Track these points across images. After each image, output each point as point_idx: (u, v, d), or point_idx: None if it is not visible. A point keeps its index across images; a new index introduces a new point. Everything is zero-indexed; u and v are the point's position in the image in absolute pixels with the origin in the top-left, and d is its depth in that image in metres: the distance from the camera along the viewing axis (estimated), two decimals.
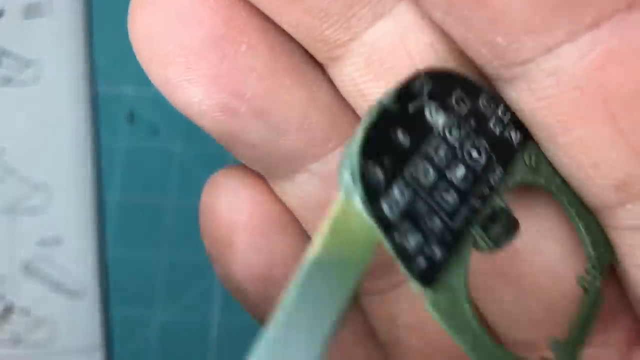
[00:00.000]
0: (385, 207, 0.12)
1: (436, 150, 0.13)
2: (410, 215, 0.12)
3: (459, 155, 0.13)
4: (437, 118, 0.13)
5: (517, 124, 0.14)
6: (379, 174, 0.12)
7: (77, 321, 0.30)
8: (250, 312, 0.19)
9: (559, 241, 0.16)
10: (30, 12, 0.32)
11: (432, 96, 0.13)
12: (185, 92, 0.15)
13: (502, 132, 0.14)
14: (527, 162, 0.14)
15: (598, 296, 0.15)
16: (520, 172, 0.14)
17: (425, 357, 0.18)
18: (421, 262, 0.12)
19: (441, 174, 0.13)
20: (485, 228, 0.13)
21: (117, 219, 0.33)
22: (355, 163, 0.12)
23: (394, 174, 0.12)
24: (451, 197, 0.13)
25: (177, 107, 0.15)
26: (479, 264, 0.15)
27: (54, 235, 0.31)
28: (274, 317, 0.11)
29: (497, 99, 0.14)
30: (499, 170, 0.14)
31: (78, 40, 0.32)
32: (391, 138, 0.12)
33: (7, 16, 0.32)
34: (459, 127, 0.13)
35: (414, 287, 0.12)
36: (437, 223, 0.12)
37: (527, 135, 0.14)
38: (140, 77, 0.34)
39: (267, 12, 0.15)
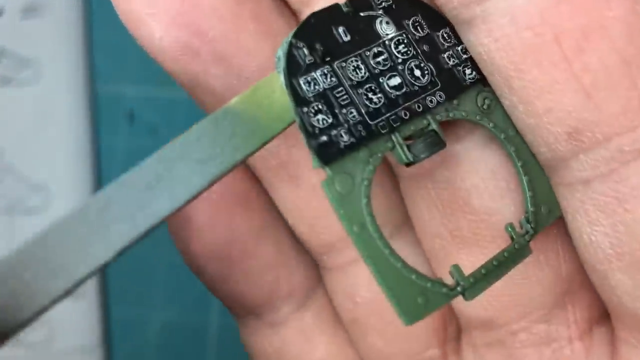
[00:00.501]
0: (302, 82, 0.13)
1: (375, 56, 0.14)
2: (326, 98, 0.13)
3: (399, 68, 0.14)
4: (386, 30, 0.14)
5: (475, 65, 0.15)
6: (306, 54, 0.13)
7: (76, 321, 0.30)
8: (209, 289, 0.19)
9: (498, 186, 0.16)
10: (30, 11, 0.32)
11: (387, 11, 0.14)
12: (147, 27, 0.15)
13: (454, 66, 0.15)
14: (479, 103, 0.15)
15: (523, 251, 0.15)
16: (467, 108, 0.15)
17: (384, 339, 0.18)
18: (323, 139, 0.13)
19: (373, 76, 0.14)
20: (408, 139, 0.14)
21: None
22: (287, 41, 0.13)
23: (323, 60, 0.14)
24: (376, 98, 0.14)
25: (141, 43, 0.16)
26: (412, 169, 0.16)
27: None
28: (175, 139, 0.12)
29: (458, 37, 0.15)
30: (439, 96, 0.14)
31: (78, 40, 0.32)
32: (331, 31, 0.14)
33: (7, 16, 0.32)
34: (407, 45, 0.14)
35: (313, 162, 0.13)
36: (353, 114, 0.14)
37: (484, 80, 0.15)
38: (140, 77, 0.34)
39: None
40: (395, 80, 0.14)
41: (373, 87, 0.14)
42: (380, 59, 0.14)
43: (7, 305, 0.11)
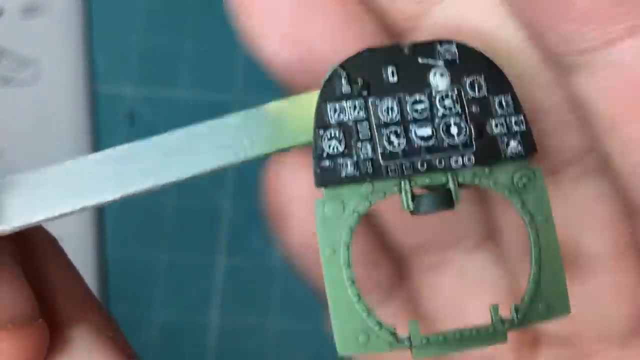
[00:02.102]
0: (329, 107, 0.14)
1: (415, 103, 0.14)
2: (347, 128, 0.14)
3: (435, 121, 0.14)
4: (438, 82, 0.14)
5: (527, 141, 0.14)
6: (344, 84, 0.14)
7: None
8: (307, 280, 0.19)
9: (586, 220, 0.16)
10: (30, 11, 0.32)
11: (449, 64, 0.14)
12: (263, 42, 0.16)
13: (499, 135, 0.14)
14: (515, 179, 0.14)
15: (496, 337, 0.14)
16: (499, 180, 0.14)
17: None
18: (326, 164, 0.14)
19: (403, 121, 0.14)
20: (426, 188, 0.14)
21: (117, 219, 0.33)
22: (335, 66, 0.14)
23: (359, 93, 0.14)
24: (397, 142, 0.14)
25: (257, 56, 0.16)
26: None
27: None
28: (206, 122, 0.14)
29: (519, 107, 0.14)
30: (467, 159, 0.14)
31: (77, 40, 0.32)
32: (380, 69, 0.14)
33: (7, 16, 0.32)
34: (455, 102, 0.14)
35: (315, 183, 0.14)
36: (367, 150, 0.14)
37: (528, 156, 0.14)
38: (140, 77, 0.34)
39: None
40: (425, 131, 0.14)
41: (398, 132, 0.14)
42: (419, 107, 0.14)
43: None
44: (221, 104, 0.33)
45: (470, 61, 0.14)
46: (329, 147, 0.14)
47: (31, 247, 0.16)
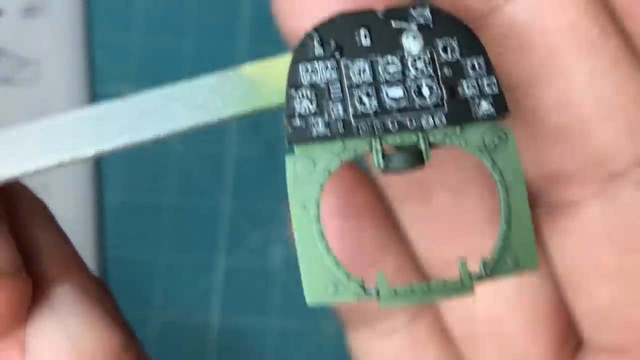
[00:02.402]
0: (301, 67, 0.14)
1: (387, 65, 0.14)
2: (318, 89, 0.14)
3: (407, 83, 0.14)
4: (411, 45, 0.15)
5: (499, 102, 0.15)
6: (316, 46, 0.14)
7: None
8: None
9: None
10: (30, 11, 0.32)
11: (422, 28, 0.15)
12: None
13: (470, 96, 0.15)
14: (486, 139, 0.15)
15: (464, 289, 0.14)
16: (470, 140, 0.15)
17: (499, 356, 0.18)
18: (297, 124, 0.14)
19: (376, 82, 0.14)
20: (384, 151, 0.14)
21: (116, 219, 0.33)
22: (309, 30, 0.14)
23: (332, 54, 0.14)
24: (369, 103, 0.14)
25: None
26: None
27: None
28: (181, 82, 0.14)
29: (491, 69, 0.15)
30: (438, 119, 0.14)
31: (77, 40, 0.32)
32: (354, 31, 0.14)
33: (6, 16, 0.32)
34: (426, 64, 0.14)
35: (286, 142, 0.14)
36: (338, 110, 0.14)
37: (500, 117, 0.15)
38: (140, 77, 0.34)
39: None
40: (397, 92, 0.14)
41: (370, 92, 0.14)
42: (391, 69, 0.14)
43: None
44: None
45: (443, 25, 0.15)
46: (301, 106, 0.14)
47: (17, 207, 0.16)
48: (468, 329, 0.19)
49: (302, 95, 0.14)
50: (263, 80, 0.14)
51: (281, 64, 0.14)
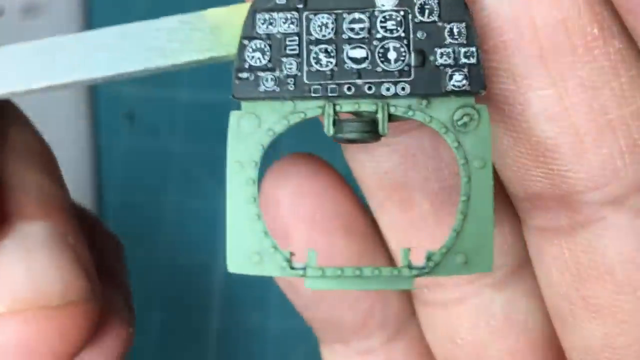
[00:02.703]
0: (259, 17, 0.13)
1: (353, 22, 0.13)
2: (274, 41, 0.13)
3: (373, 43, 0.13)
4: (385, 0, 0.13)
5: (475, 75, 0.13)
6: None
7: None
8: (300, 311, 0.18)
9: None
10: (30, 11, 0.32)
11: None
12: None
13: (444, 65, 0.13)
14: (455, 117, 0.13)
15: (400, 281, 0.13)
16: (436, 115, 0.13)
17: None
18: (244, 76, 0.13)
19: (337, 40, 0.13)
20: (338, 117, 0.13)
21: (117, 218, 0.33)
22: None
23: (293, 7, 0.13)
24: (326, 62, 0.13)
25: None
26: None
27: None
28: (141, 22, 0.14)
29: (474, 38, 0.13)
30: (401, 88, 0.13)
31: None
32: None
33: (7, 16, 0.32)
34: (398, 24, 0.13)
35: (232, 92, 0.13)
36: (291, 66, 0.13)
37: (474, 93, 0.13)
38: (140, 77, 0.34)
39: None
40: (359, 53, 0.13)
41: (329, 50, 0.13)
42: (356, 26, 0.13)
43: None
44: (221, 104, 0.33)
45: None
46: (252, 58, 0.13)
47: (5, 136, 0.16)
48: (450, 351, 0.17)
49: (256, 47, 0.13)
50: (225, 27, 0.13)
51: (244, 9, 0.13)
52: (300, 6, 0.13)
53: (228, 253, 0.13)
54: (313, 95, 0.13)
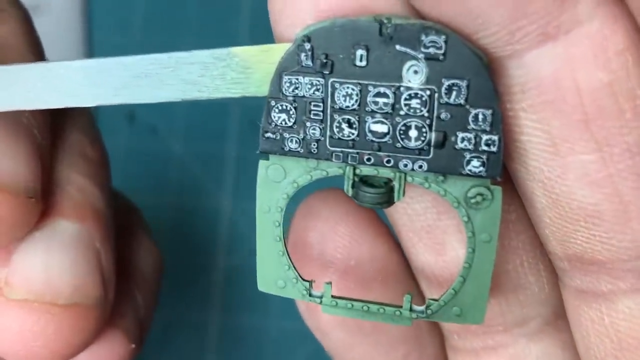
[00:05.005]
0: (285, 79, 0.13)
1: (378, 95, 0.13)
2: (300, 104, 0.13)
3: (395, 120, 0.13)
4: (411, 78, 0.12)
5: (494, 163, 0.13)
6: (304, 58, 0.13)
7: None
8: (330, 354, 0.18)
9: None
10: (30, 11, 0.32)
11: (430, 59, 0.12)
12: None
13: (463, 149, 0.13)
14: (469, 194, 0.13)
15: (401, 320, 0.15)
16: (450, 190, 0.13)
17: None
18: (269, 136, 0.13)
19: (361, 111, 0.13)
20: (366, 181, 0.14)
21: None
22: (302, 35, 0.12)
23: (321, 72, 0.13)
24: (349, 132, 0.13)
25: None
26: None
27: None
28: (175, 53, 0.14)
29: (499, 127, 0.12)
30: (419, 166, 0.13)
31: (77, 40, 0.32)
32: (350, 49, 0.12)
33: None
34: (423, 104, 0.12)
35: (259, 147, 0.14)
36: (315, 132, 0.13)
37: (488, 177, 0.13)
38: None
39: (418, 5, 0.12)
40: (381, 128, 0.13)
41: (352, 121, 0.13)
42: (380, 100, 0.13)
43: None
44: (221, 104, 0.33)
45: (457, 61, 0.12)
46: (278, 119, 0.13)
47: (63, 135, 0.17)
48: None
49: (281, 108, 0.13)
50: (255, 67, 0.13)
51: (277, 51, 0.13)
52: (327, 72, 0.13)
53: (258, 275, 0.15)
54: (334, 160, 0.13)
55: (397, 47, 0.12)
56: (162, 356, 0.33)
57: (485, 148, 0.12)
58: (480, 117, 0.12)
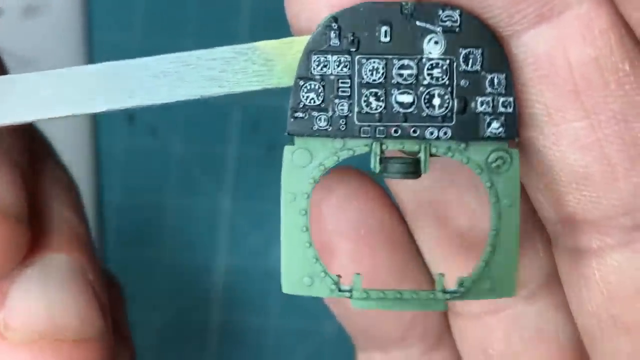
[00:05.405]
0: (314, 58, 0.14)
1: (402, 67, 0.14)
2: (328, 82, 0.14)
3: (419, 89, 0.14)
4: (431, 49, 0.14)
5: (511, 123, 0.14)
6: (333, 37, 0.14)
7: None
8: (342, 322, 0.19)
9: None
10: (30, 11, 0.32)
11: (447, 31, 0.14)
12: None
13: (482, 113, 0.14)
14: (490, 159, 0.14)
15: (435, 304, 0.15)
16: (473, 157, 0.14)
17: None
18: (299, 116, 0.14)
19: (387, 84, 0.14)
20: (384, 155, 0.14)
21: (117, 219, 0.33)
22: (330, 17, 0.13)
23: (347, 48, 0.14)
24: (376, 105, 0.14)
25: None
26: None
27: None
28: (196, 51, 0.14)
29: (512, 89, 0.14)
30: (444, 132, 0.14)
31: (77, 40, 0.32)
32: (374, 27, 0.14)
33: (7, 16, 0.32)
34: (444, 72, 0.14)
35: (288, 129, 0.14)
36: (343, 108, 0.14)
37: (508, 139, 0.14)
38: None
39: None
40: (407, 98, 0.14)
41: (379, 94, 0.14)
42: (405, 72, 0.14)
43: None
44: (221, 103, 0.33)
45: (471, 32, 0.14)
46: (307, 98, 0.14)
47: (44, 172, 0.16)
48: None
49: (310, 87, 0.14)
50: (278, 59, 0.14)
51: (298, 45, 0.14)
52: (353, 49, 0.14)
53: (283, 276, 0.14)
54: (362, 135, 0.14)
55: (417, 22, 0.14)
56: (162, 356, 0.33)
57: (502, 110, 0.14)
58: (496, 81, 0.14)
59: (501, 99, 0.14)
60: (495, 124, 0.14)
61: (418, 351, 0.19)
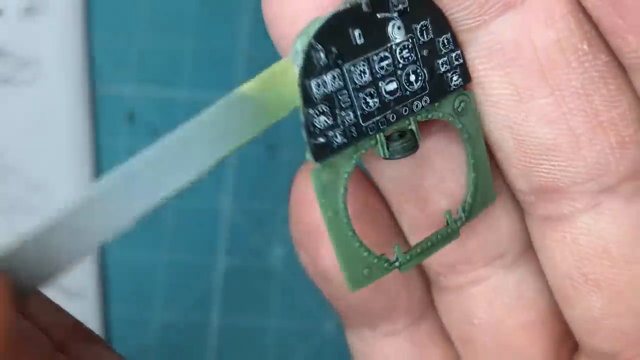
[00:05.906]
0: (313, 84, 0.14)
1: (381, 60, 0.15)
2: (330, 100, 0.14)
3: (398, 73, 0.15)
4: (396, 35, 0.15)
5: (464, 71, 0.16)
6: (322, 57, 0.14)
7: None
8: (332, 302, 0.20)
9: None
10: (30, 11, 0.32)
11: (402, 14, 0.15)
12: None
13: (445, 72, 0.15)
14: (455, 105, 0.16)
15: (453, 235, 0.17)
16: (445, 110, 0.16)
17: (498, 357, 0.19)
18: (320, 141, 0.14)
19: (375, 80, 0.15)
20: (389, 139, 0.15)
21: None
22: (309, 38, 0.14)
23: (336, 63, 0.14)
24: (373, 102, 0.15)
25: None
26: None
27: None
28: (191, 120, 0.14)
29: (457, 43, 0.15)
30: (425, 101, 0.15)
31: (77, 40, 0.32)
32: (348, 33, 0.14)
33: (6, 16, 0.32)
34: (411, 50, 0.15)
35: (308, 156, 0.14)
36: (350, 116, 0.15)
37: (465, 84, 0.16)
38: (140, 77, 0.34)
39: None
40: (392, 86, 0.15)
41: (372, 92, 0.15)
42: (384, 63, 0.15)
43: (34, 267, 0.13)
44: None
45: (417, 6, 0.15)
46: (320, 123, 0.14)
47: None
48: (467, 332, 0.19)
49: (319, 111, 0.14)
50: (266, 97, 0.14)
51: (278, 72, 0.14)
52: (340, 61, 0.14)
53: (346, 280, 0.15)
54: (370, 133, 0.15)
55: (378, 15, 0.15)
56: (162, 356, 0.33)
57: (456, 63, 0.16)
58: (445, 41, 0.15)
59: (453, 55, 0.15)
60: (455, 77, 0.16)
61: (403, 324, 0.20)
